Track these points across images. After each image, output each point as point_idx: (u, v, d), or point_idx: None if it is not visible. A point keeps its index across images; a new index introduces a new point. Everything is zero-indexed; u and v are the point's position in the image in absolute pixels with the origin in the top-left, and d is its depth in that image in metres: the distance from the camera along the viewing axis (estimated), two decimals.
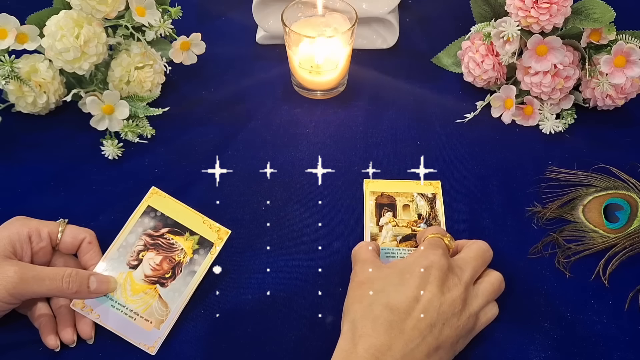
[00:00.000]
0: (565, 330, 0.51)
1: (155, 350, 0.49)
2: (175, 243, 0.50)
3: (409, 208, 0.60)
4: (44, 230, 0.51)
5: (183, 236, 0.51)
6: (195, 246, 0.51)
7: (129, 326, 0.49)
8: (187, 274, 0.50)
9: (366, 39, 0.78)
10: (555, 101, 0.68)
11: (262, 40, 0.79)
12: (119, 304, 0.49)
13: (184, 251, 0.50)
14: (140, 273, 0.50)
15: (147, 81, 0.67)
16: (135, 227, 0.51)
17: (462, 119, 0.70)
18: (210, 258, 0.51)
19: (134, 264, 0.50)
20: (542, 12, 0.62)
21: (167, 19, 0.66)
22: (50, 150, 0.66)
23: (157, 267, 0.50)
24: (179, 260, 0.50)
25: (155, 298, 0.49)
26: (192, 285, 0.50)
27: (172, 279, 0.50)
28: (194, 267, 0.50)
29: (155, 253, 0.50)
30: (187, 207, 0.53)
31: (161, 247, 0.50)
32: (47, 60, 0.64)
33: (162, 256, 0.50)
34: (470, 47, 0.70)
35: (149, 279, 0.50)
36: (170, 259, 0.50)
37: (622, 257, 0.56)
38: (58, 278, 0.47)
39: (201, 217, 0.53)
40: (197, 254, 0.51)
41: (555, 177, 0.63)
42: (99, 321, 0.49)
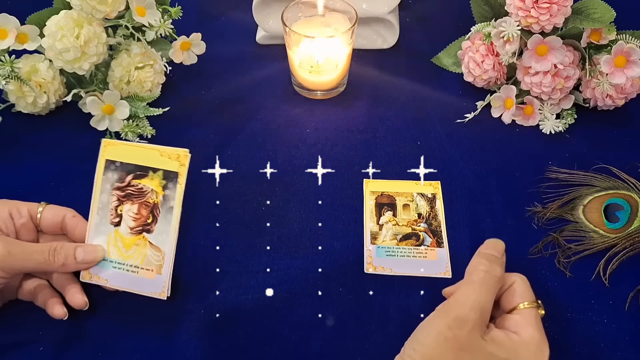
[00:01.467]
0: (565, 330, 0.51)
1: (166, 294, 0.49)
2: (144, 186, 0.50)
3: (409, 207, 0.60)
4: (23, 208, 0.51)
5: (148, 177, 0.50)
6: (162, 182, 0.50)
7: (135, 281, 0.49)
8: (166, 212, 0.49)
9: (366, 39, 0.78)
10: (556, 101, 0.68)
11: (262, 40, 0.79)
12: (118, 263, 0.50)
13: (154, 191, 0.49)
14: (124, 227, 0.50)
15: (148, 81, 0.67)
16: (102, 185, 0.50)
17: (462, 119, 0.70)
18: (180, 188, 0.50)
19: (116, 221, 0.50)
20: (542, 12, 0.62)
21: (167, 19, 0.66)
22: (50, 150, 0.66)
23: (136, 217, 0.49)
24: (153, 201, 0.49)
25: (146, 246, 0.49)
26: (175, 221, 0.49)
27: (154, 222, 0.49)
28: (170, 202, 0.49)
29: (131, 203, 0.50)
30: (141, 146, 0.51)
31: (133, 196, 0.50)
32: (48, 60, 0.64)
33: (137, 204, 0.49)
34: (470, 47, 0.70)
35: (134, 230, 0.50)
36: (145, 204, 0.49)
37: (622, 257, 0.56)
38: (45, 251, 0.48)
39: (157, 151, 0.50)
40: (167, 189, 0.50)
41: (555, 177, 0.63)
42: (109, 285, 0.50)
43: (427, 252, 0.57)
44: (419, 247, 0.57)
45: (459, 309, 0.42)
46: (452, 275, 0.55)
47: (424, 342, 0.41)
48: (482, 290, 0.44)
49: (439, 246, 0.57)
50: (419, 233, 0.58)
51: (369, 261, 0.56)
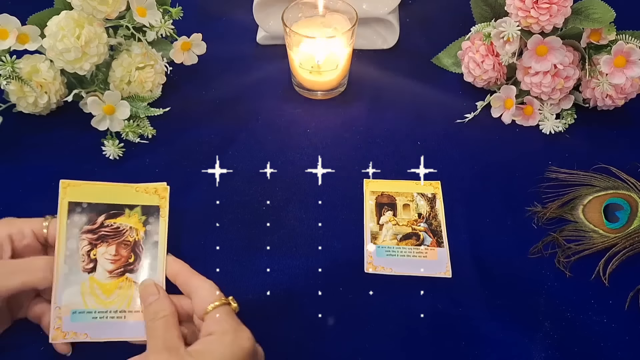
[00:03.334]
0: (565, 330, 0.51)
1: None
2: (120, 225, 0.45)
3: (409, 207, 0.60)
4: (26, 227, 0.49)
5: (124, 215, 0.46)
6: (142, 217, 0.46)
7: (122, 327, 0.45)
8: (150, 247, 0.46)
9: (366, 39, 0.79)
10: (555, 101, 0.68)
11: (262, 40, 0.80)
12: (99, 312, 0.45)
13: (133, 229, 0.45)
14: (101, 272, 0.45)
15: (148, 81, 0.67)
16: (69, 231, 0.45)
17: (462, 119, 0.70)
18: (164, 221, 0.46)
19: (89, 267, 0.45)
20: (542, 13, 0.62)
21: (167, 19, 0.66)
22: (51, 151, 0.66)
23: (115, 258, 0.45)
24: (133, 239, 0.45)
25: (132, 287, 0.45)
26: (161, 254, 0.46)
27: (137, 261, 0.45)
28: (153, 237, 0.46)
29: (106, 245, 0.45)
30: (110, 184, 0.47)
31: (108, 237, 0.45)
32: (48, 60, 0.64)
33: (115, 244, 0.45)
34: (470, 48, 0.70)
35: (115, 272, 0.45)
36: (124, 243, 0.45)
37: (622, 257, 0.56)
38: (29, 269, 0.45)
39: (131, 187, 0.47)
40: (148, 224, 0.46)
41: (555, 177, 0.63)
42: (91, 339, 0.45)
43: (427, 252, 0.57)
44: (419, 246, 0.57)
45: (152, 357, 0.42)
46: (452, 275, 0.55)
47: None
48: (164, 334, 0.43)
49: (439, 246, 0.57)
50: (419, 233, 0.58)
51: (369, 261, 0.56)
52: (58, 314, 0.44)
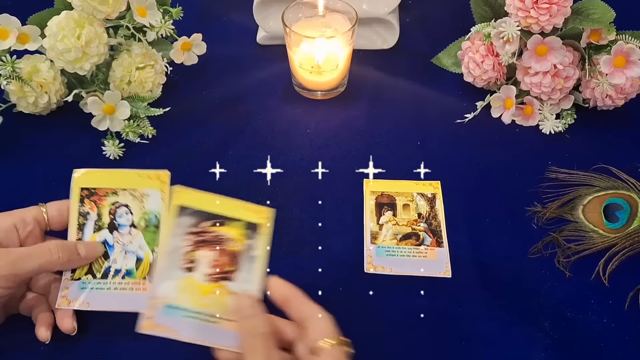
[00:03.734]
0: (565, 330, 0.51)
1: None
2: (223, 235, 0.46)
3: (409, 207, 0.60)
4: (27, 215, 0.51)
5: (226, 225, 0.47)
6: (245, 231, 0.46)
7: (215, 332, 0.44)
8: (249, 260, 0.46)
9: (366, 40, 0.79)
10: (555, 101, 0.68)
11: (262, 40, 0.80)
12: (193, 312, 0.45)
13: (234, 240, 0.46)
14: (200, 274, 0.45)
15: (148, 81, 0.67)
16: (175, 229, 0.47)
17: (462, 119, 0.70)
18: (264, 239, 0.46)
19: (188, 266, 0.46)
20: (542, 13, 0.62)
21: (168, 19, 0.66)
22: (51, 151, 0.66)
23: (214, 263, 0.45)
24: (234, 249, 0.46)
25: (226, 294, 0.45)
26: (259, 270, 0.45)
27: (235, 271, 0.45)
28: (253, 252, 0.46)
29: (207, 249, 0.46)
30: (220, 197, 0.49)
31: (211, 242, 0.46)
32: (49, 60, 0.64)
33: (215, 250, 0.46)
34: (470, 48, 0.70)
35: (212, 277, 0.45)
36: (224, 251, 0.46)
37: (622, 257, 0.56)
38: (46, 251, 0.47)
39: (239, 202, 0.48)
40: (249, 239, 0.46)
41: (555, 177, 0.63)
42: (181, 337, 0.44)
43: (427, 252, 0.57)
44: (419, 246, 0.57)
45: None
46: (452, 275, 0.55)
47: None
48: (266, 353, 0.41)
49: (439, 246, 0.57)
50: (419, 233, 0.58)
51: (369, 261, 0.56)
52: (152, 304, 0.44)
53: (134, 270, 0.51)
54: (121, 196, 0.53)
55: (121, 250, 0.51)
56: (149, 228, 0.52)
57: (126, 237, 0.52)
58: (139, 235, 0.52)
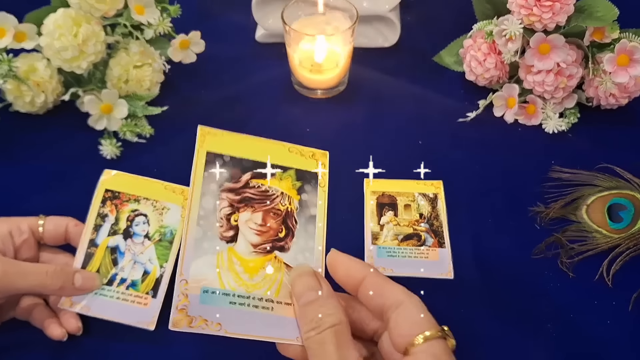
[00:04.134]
0: (568, 331, 0.51)
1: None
2: (269, 188, 0.36)
3: (410, 208, 0.60)
4: (23, 223, 0.50)
5: (274, 177, 0.37)
6: (297, 183, 0.37)
7: (268, 322, 0.34)
8: (306, 222, 0.37)
9: (367, 38, 0.78)
10: (558, 100, 0.67)
11: (262, 38, 0.79)
12: (239, 297, 0.35)
13: (285, 195, 0.36)
14: (243, 244, 0.35)
15: (146, 80, 0.67)
16: (205, 185, 0.36)
17: (464, 118, 0.69)
18: (323, 191, 0.38)
19: (228, 235, 0.36)
20: (545, 10, 0.62)
21: (166, 17, 0.66)
22: (48, 150, 0.65)
23: (262, 229, 0.35)
24: (285, 208, 0.36)
25: (282, 271, 0.35)
26: (320, 234, 0.37)
27: (289, 236, 0.37)
28: (310, 209, 0.37)
29: (251, 210, 0.36)
30: (258, 138, 0.38)
31: (254, 200, 0.36)
32: (46, 59, 0.64)
33: (262, 211, 0.36)
34: (472, 46, 0.70)
35: (260, 247, 0.36)
36: (273, 212, 0.36)
37: (625, 258, 0.56)
38: (42, 273, 0.46)
39: (285, 146, 0.38)
40: (304, 193, 0.37)
41: (558, 176, 0.63)
42: (226, 332, 0.34)
43: (428, 253, 0.56)
44: (421, 247, 0.56)
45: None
46: (454, 276, 0.54)
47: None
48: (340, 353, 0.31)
49: (441, 246, 0.56)
50: (420, 233, 0.58)
51: (370, 261, 0.55)
52: (184, 289, 0.33)
53: (139, 282, 0.50)
54: (142, 205, 0.51)
55: (131, 259, 0.50)
56: (163, 242, 0.51)
57: (138, 247, 0.51)
58: (152, 247, 0.50)
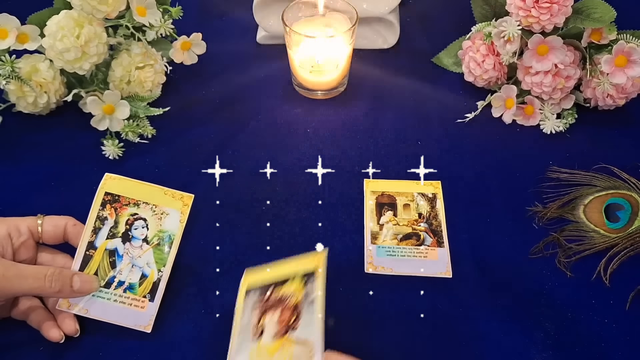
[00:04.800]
0: (566, 330, 0.51)
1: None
2: (284, 294, 0.48)
3: (409, 207, 0.60)
4: (22, 225, 0.50)
5: (287, 284, 0.48)
6: (302, 283, 0.48)
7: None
8: (308, 305, 0.47)
9: (367, 39, 0.78)
10: (556, 101, 0.68)
11: (262, 40, 0.79)
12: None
13: (294, 294, 0.48)
14: (267, 337, 0.47)
15: (148, 81, 0.67)
16: (244, 311, 0.48)
17: (463, 118, 0.70)
18: (321, 281, 0.48)
19: (258, 334, 0.47)
20: (543, 12, 0.62)
21: (167, 18, 0.66)
22: (50, 151, 0.65)
23: (281, 321, 0.47)
24: (295, 303, 0.47)
25: (292, 345, 0.46)
26: (319, 308, 0.47)
27: (297, 319, 0.47)
28: (310, 296, 0.48)
29: (272, 313, 0.47)
30: (273, 264, 0.49)
31: (275, 306, 0.48)
32: (48, 60, 0.64)
33: (280, 309, 0.47)
34: (470, 47, 0.70)
35: (278, 335, 0.47)
36: (287, 308, 0.47)
37: (623, 257, 0.56)
38: (41, 276, 0.46)
39: (293, 260, 0.49)
40: (307, 285, 0.48)
41: (556, 176, 0.63)
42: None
43: (427, 252, 0.56)
44: (420, 246, 0.57)
45: None
46: (453, 275, 0.55)
47: None
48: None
49: (440, 246, 0.57)
50: (419, 233, 0.58)
51: (369, 261, 0.56)
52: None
53: (136, 285, 0.51)
54: (142, 209, 0.53)
55: (129, 262, 0.51)
56: (160, 247, 0.52)
57: (136, 251, 0.52)
58: (150, 251, 0.52)
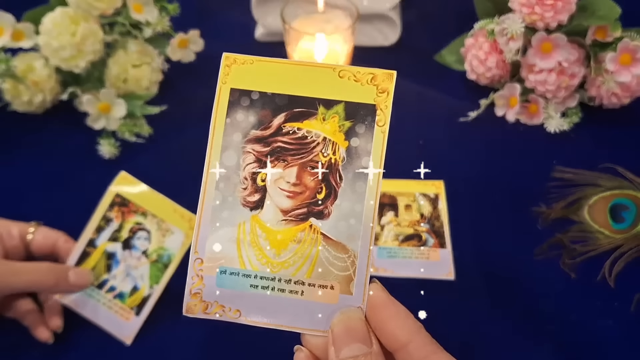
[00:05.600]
0: (570, 332, 0.51)
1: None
2: (308, 134, 0.28)
3: (411, 208, 0.59)
4: (13, 228, 0.50)
5: (315, 117, 0.28)
6: (345, 123, 0.28)
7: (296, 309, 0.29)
8: (354, 178, 0.28)
9: (367, 36, 0.78)
10: (560, 99, 0.67)
11: (261, 37, 0.79)
12: (264, 279, 0.28)
13: (329, 142, 0.28)
14: (271, 211, 0.28)
15: (145, 79, 0.66)
16: (226, 136, 0.28)
17: (466, 117, 0.69)
18: (381, 133, 0.29)
19: (253, 200, 0.28)
20: (547, 9, 0.61)
21: (164, 16, 0.65)
22: (46, 150, 0.65)
23: (296, 190, 0.28)
24: (327, 160, 0.28)
25: (317, 243, 0.29)
26: (372, 193, 0.28)
27: (331, 197, 0.29)
28: (360, 160, 0.28)
29: (284, 165, 0.29)
30: (298, 63, 0.30)
31: (288, 151, 0.28)
32: (44, 58, 0.63)
33: (297, 165, 0.29)
34: (473, 45, 0.69)
35: (292, 214, 0.29)
36: (311, 165, 0.29)
37: (628, 258, 0.55)
38: (35, 271, 0.47)
39: (334, 70, 0.29)
40: (354, 137, 0.28)
41: (560, 176, 0.62)
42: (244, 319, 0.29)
43: (429, 253, 0.56)
44: (421, 248, 0.56)
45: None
46: (455, 277, 0.54)
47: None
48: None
49: (442, 247, 0.56)
50: (421, 234, 0.57)
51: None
52: (198, 270, 0.28)
53: (126, 295, 0.51)
54: (148, 220, 0.52)
55: (124, 270, 0.51)
56: (158, 264, 0.52)
57: (134, 261, 0.52)
58: (146, 265, 0.52)
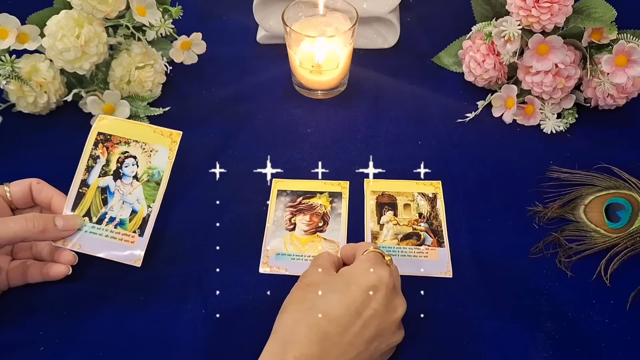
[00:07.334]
0: (566, 330, 0.51)
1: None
2: (313, 203, 0.60)
3: (409, 207, 0.60)
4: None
5: (316, 197, 0.60)
6: (329, 198, 0.60)
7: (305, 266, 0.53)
8: (335, 217, 0.59)
9: (367, 39, 0.78)
10: (557, 101, 0.68)
11: (262, 40, 0.79)
12: (296, 255, 0.56)
13: (323, 205, 0.60)
14: (299, 231, 0.58)
15: (148, 81, 0.67)
16: (276, 206, 0.60)
17: (463, 118, 0.70)
18: (345, 203, 0.60)
19: (290, 227, 0.58)
20: (543, 12, 0.62)
21: (167, 18, 0.66)
22: (51, 150, 0.65)
23: (309, 223, 0.59)
24: (323, 212, 0.59)
25: (321, 241, 0.57)
26: (343, 221, 0.59)
27: (326, 225, 0.58)
28: (338, 211, 0.60)
29: (303, 215, 0.59)
30: (305, 182, 0.62)
31: (304, 210, 0.59)
32: (48, 60, 0.64)
33: (309, 214, 0.59)
34: (471, 47, 0.70)
35: (308, 232, 0.58)
36: (316, 214, 0.59)
37: (623, 257, 0.56)
38: (22, 219, 0.48)
39: (320, 183, 0.62)
40: (334, 203, 0.60)
41: (556, 176, 0.63)
42: (289, 272, 0.55)
43: (428, 252, 0.56)
44: (420, 246, 0.57)
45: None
46: (453, 275, 0.55)
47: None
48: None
49: (440, 246, 0.57)
50: (419, 233, 0.58)
51: None
52: (266, 254, 0.56)
53: (127, 221, 0.53)
54: (132, 147, 0.56)
55: (120, 199, 0.54)
56: (150, 183, 0.54)
57: (127, 188, 0.54)
58: (140, 188, 0.54)
